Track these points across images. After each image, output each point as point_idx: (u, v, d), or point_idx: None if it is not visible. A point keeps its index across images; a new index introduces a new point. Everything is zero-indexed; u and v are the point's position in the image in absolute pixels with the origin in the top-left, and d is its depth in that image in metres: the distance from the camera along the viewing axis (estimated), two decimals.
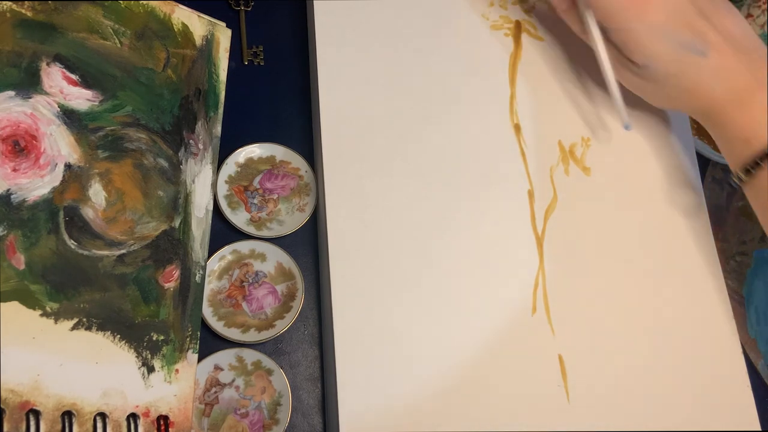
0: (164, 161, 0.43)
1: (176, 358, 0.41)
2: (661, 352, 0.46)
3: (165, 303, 0.41)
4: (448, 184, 0.47)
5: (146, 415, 0.38)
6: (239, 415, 0.43)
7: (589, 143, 0.50)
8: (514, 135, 0.49)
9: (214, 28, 0.48)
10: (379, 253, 0.44)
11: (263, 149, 0.48)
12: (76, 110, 0.40)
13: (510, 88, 0.50)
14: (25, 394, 0.35)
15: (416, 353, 0.43)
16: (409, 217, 0.46)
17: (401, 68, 0.49)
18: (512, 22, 0.53)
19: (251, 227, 0.46)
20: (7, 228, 0.36)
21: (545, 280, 0.46)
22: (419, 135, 0.48)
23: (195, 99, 0.46)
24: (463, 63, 0.50)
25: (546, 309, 0.45)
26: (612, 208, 0.49)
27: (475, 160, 0.48)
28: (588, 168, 0.49)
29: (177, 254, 0.42)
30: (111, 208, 0.41)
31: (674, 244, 0.49)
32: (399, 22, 0.51)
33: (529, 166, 0.49)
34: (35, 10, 0.40)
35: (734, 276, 0.52)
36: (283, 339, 0.45)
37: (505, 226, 0.47)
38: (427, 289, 0.44)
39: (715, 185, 0.54)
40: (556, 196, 0.48)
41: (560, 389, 0.44)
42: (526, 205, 0.48)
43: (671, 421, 0.44)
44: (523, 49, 0.52)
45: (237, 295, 0.45)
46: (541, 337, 0.45)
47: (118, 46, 0.43)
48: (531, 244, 0.47)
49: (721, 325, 0.47)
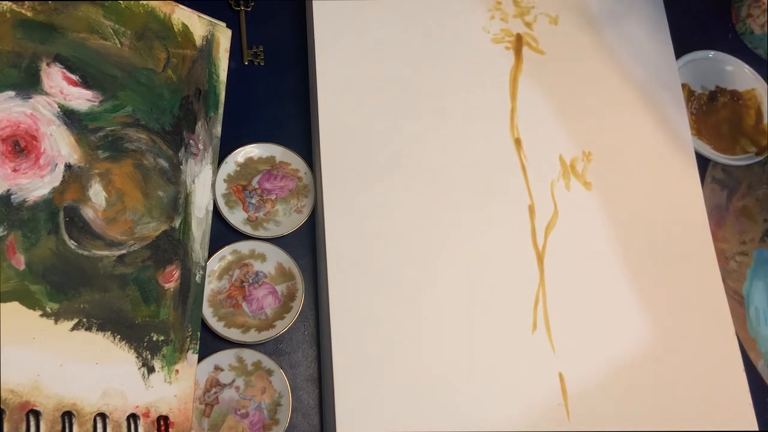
0: (164, 161, 0.43)
1: (176, 359, 0.41)
2: (663, 369, 0.46)
3: (165, 303, 0.41)
4: (447, 198, 0.47)
5: (146, 416, 0.38)
6: (239, 415, 0.43)
7: (590, 157, 0.50)
8: (515, 149, 0.49)
9: (214, 28, 0.48)
10: (377, 261, 0.44)
11: (263, 149, 0.48)
12: (76, 110, 0.40)
13: (511, 102, 0.50)
14: (25, 394, 0.35)
15: (413, 364, 0.43)
16: (407, 228, 0.46)
17: (400, 77, 0.49)
18: (513, 35, 0.52)
19: (248, 227, 0.46)
20: (7, 228, 0.36)
21: (546, 296, 0.46)
22: (418, 148, 0.48)
23: (195, 99, 0.46)
24: (463, 76, 0.50)
25: (546, 326, 0.45)
26: (613, 223, 0.48)
27: (475, 174, 0.48)
28: (589, 183, 0.49)
29: (177, 254, 0.42)
30: (111, 208, 0.41)
31: (676, 258, 0.48)
32: (399, 30, 0.50)
33: (529, 180, 0.48)
34: (35, 11, 0.40)
35: (734, 276, 0.52)
36: (283, 339, 0.45)
37: (505, 241, 0.47)
38: (425, 299, 0.44)
39: (715, 185, 0.54)
40: (557, 211, 0.48)
41: (560, 407, 0.43)
42: (527, 220, 0.47)
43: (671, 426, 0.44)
44: (524, 63, 0.52)
45: (237, 296, 0.45)
46: (541, 355, 0.44)
47: (118, 46, 0.43)
48: (531, 259, 0.47)
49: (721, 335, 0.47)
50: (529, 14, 0.53)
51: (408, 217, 0.46)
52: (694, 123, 0.54)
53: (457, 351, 0.43)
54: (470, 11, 0.52)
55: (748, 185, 0.54)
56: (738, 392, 0.46)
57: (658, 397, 0.45)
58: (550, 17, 0.53)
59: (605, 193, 0.49)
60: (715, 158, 0.54)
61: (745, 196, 0.52)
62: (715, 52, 0.57)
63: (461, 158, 0.48)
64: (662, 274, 0.48)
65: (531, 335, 0.45)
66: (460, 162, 0.48)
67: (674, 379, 0.45)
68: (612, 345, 0.46)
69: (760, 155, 0.54)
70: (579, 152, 0.50)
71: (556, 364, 0.44)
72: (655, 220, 0.49)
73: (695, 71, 0.56)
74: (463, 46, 0.51)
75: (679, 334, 0.47)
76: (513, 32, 0.52)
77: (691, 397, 0.45)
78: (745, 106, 0.56)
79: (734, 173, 0.54)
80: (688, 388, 0.45)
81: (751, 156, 0.54)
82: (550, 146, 0.50)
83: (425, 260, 0.45)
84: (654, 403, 0.45)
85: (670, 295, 0.47)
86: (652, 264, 0.48)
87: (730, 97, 0.56)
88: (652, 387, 0.45)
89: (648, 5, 0.55)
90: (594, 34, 0.53)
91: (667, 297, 0.47)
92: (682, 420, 0.45)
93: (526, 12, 0.53)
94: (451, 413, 0.42)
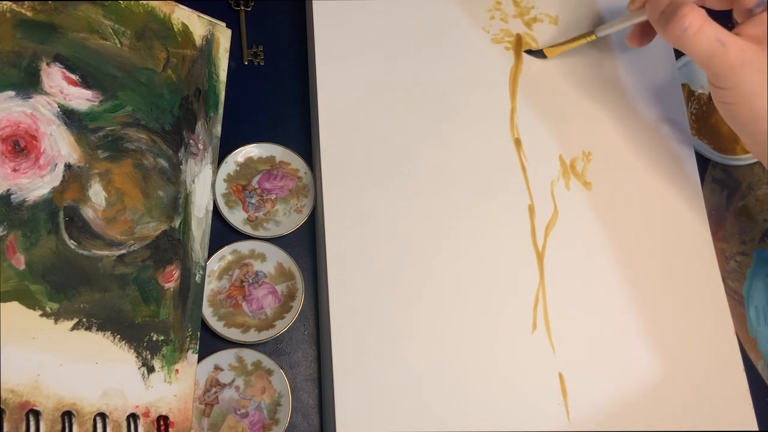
0: (164, 161, 0.43)
1: (176, 359, 0.41)
2: (663, 369, 0.45)
3: (165, 303, 0.41)
4: (447, 198, 0.47)
5: (146, 416, 0.38)
6: (239, 415, 0.43)
7: (590, 157, 0.50)
8: (515, 149, 0.49)
9: (214, 28, 0.48)
10: (377, 261, 0.44)
11: (263, 149, 0.48)
12: (76, 110, 0.40)
13: (510, 102, 0.50)
14: (25, 394, 0.35)
15: (413, 364, 0.43)
16: (407, 229, 0.45)
17: (400, 77, 0.49)
18: (513, 35, 0.52)
19: (248, 227, 0.46)
20: (7, 228, 0.36)
21: (546, 296, 0.46)
22: (418, 148, 0.48)
23: (195, 99, 0.46)
24: (463, 76, 0.50)
25: (546, 326, 0.45)
26: (613, 223, 0.48)
27: (475, 174, 0.48)
28: (589, 183, 0.49)
29: (177, 254, 0.42)
30: (111, 208, 0.41)
31: (675, 257, 0.48)
32: (399, 30, 0.50)
33: (529, 180, 0.48)
34: (35, 10, 0.40)
35: (734, 276, 0.52)
36: (283, 339, 0.45)
37: (505, 241, 0.47)
38: (425, 299, 0.44)
39: (715, 185, 0.54)
40: (557, 211, 0.48)
41: (560, 407, 0.43)
42: (527, 220, 0.47)
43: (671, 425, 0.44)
44: (523, 63, 0.52)
45: (237, 296, 0.45)
46: (541, 355, 0.44)
47: (118, 46, 0.43)
48: (531, 259, 0.46)
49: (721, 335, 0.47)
50: (529, 14, 0.53)
51: (408, 217, 0.46)
52: (694, 123, 0.54)
53: (456, 351, 0.43)
54: (470, 11, 0.52)
55: (748, 185, 0.54)
56: (738, 392, 0.46)
57: (657, 397, 0.45)
58: (550, 17, 0.53)
59: (605, 193, 0.49)
60: (715, 158, 0.53)
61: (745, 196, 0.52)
62: None
63: (461, 158, 0.48)
64: (662, 274, 0.48)
65: (531, 335, 0.45)
66: (459, 162, 0.48)
67: (674, 379, 0.45)
68: (612, 345, 0.46)
69: None
70: (579, 152, 0.50)
71: (556, 364, 0.44)
72: (655, 220, 0.49)
73: (695, 71, 0.56)
74: (463, 46, 0.51)
75: (679, 333, 0.47)
76: (513, 32, 0.52)
77: (691, 396, 0.45)
78: None
79: (734, 173, 0.54)
80: (687, 388, 0.45)
81: (751, 156, 0.54)
82: (550, 146, 0.50)
83: (425, 260, 0.45)
84: (654, 402, 0.45)
85: (670, 294, 0.47)
86: (651, 264, 0.48)
87: None
88: (652, 386, 0.45)
89: None
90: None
91: (666, 297, 0.47)
92: (682, 420, 0.45)
93: (526, 12, 0.53)
94: (451, 413, 0.42)
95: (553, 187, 0.49)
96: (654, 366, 0.46)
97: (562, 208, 0.48)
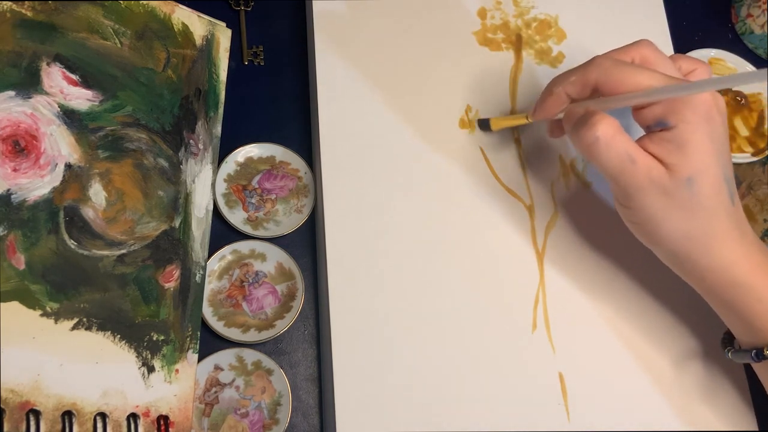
0: (164, 161, 0.43)
1: (176, 358, 0.41)
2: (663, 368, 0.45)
3: (165, 303, 0.41)
4: (447, 198, 0.47)
5: (146, 415, 0.38)
6: (239, 415, 0.43)
7: None
8: (515, 149, 0.49)
9: (214, 28, 0.48)
10: (377, 261, 0.44)
11: (263, 149, 0.48)
12: (76, 110, 0.40)
13: (511, 102, 0.50)
14: (25, 394, 0.35)
15: (413, 364, 0.43)
16: (407, 229, 0.45)
17: (400, 78, 0.49)
18: (513, 35, 0.52)
19: (248, 226, 0.46)
20: (7, 228, 0.36)
21: (545, 296, 0.46)
22: (417, 148, 0.48)
23: (195, 99, 0.46)
24: (463, 76, 0.50)
25: (546, 326, 0.45)
26: (613, 223, 0.48)
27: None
28: (589, 183, 0.49)
29: (177, 254, 0.42)
30: (111, 208, 0.41)
31: None
32: (399, 30, 0.50)
33: (529, 180, 0.48)
34: (35, 10, 0.40)
35: None
36: (283, 339, 0.45)
37: (504, 241, 0.47)
38: (425, 299, 0.44)
39: None
40: (557, 211, 0.48)
41: (560, 407, 0.43)
42: (527, 219, 0.47)
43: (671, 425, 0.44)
44: (523, 63, 0.52)
45: (237, 295, 0.45)
46: (541, 355, 0.44)
47: (118, 46, 0.43)
48: (531, 259, 0.46)
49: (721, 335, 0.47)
50: (529, 14, 0.53)
51: (408, 217, 0.46)
52: None
53: (456, 351, 0.43)
54: (470, 11, 0.52)
55: (748, 185, 0.54)
56: (738, 392, 0.46)
57: (657, 397, 0.45)
58: (550, 17, 0.53)
59: (605, 193, 0.49)
60: None
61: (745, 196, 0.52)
62: (716, 50, 0.56)
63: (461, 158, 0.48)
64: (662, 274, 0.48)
65: (531, 335, 0.45)
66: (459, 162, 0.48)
67: (674, 379, 0.45)
68: (612, 345, 0.46)
69: (755, 156, 0.54)
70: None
71: (556, 364, 0.44)
72: None
73: None
74: (463, 47, 0.51)
75: (680, 333, 0.47)
76: (513, 32, 0.52)
77: (691, 396, 0.45)
78: (749, 108, 0.56)
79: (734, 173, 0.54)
80: (687, 388, 0.45)
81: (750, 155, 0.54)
82: (550, 146, 0.50)
83: (425, 260, 0.45)
84: (653, 402, 0.45)
85: (670, 294, 0.47)
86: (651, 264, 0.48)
87: (731, 96, 0.56)
88: (652, 386, 0.45)
89: (648, 5, 0.55)
90: (594, 35, 0.53)
91: (666, 296, 0.47)
92: (682, 419, 0.45)
93: (526, 12, 0.53)
94: (451, 413, 0.42)
95: (553, 187, 0.49)
96: (654, 365, 0.46)
97: (562, 207, 0.48)
